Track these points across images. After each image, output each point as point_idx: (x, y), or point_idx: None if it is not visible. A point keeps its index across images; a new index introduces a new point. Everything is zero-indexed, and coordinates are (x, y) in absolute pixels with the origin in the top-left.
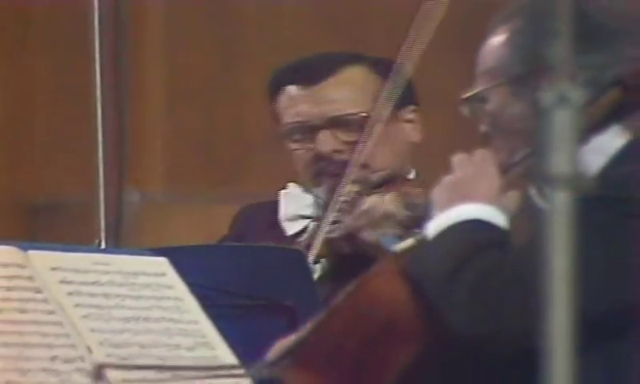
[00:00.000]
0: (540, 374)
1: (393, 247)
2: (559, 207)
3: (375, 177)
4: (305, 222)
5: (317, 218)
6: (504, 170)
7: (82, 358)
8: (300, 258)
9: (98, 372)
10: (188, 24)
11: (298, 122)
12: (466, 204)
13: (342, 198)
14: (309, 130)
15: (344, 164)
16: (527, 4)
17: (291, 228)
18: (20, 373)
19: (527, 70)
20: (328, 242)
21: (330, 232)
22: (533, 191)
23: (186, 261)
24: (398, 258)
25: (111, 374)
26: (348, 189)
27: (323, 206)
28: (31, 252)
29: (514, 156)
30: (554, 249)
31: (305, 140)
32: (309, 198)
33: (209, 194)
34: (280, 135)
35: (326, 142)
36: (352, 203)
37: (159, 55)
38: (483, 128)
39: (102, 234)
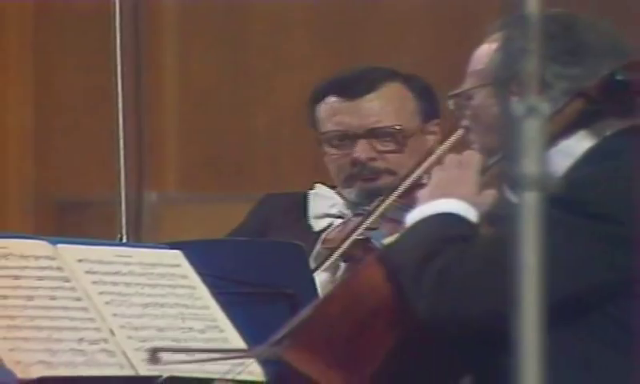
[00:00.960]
0: (509, 355)
1: (380, 242)
2: (528, 205)
3: (402, 186)
4: (330, 220)
5: (342, 217)
6: (482, 170)
7: (105, 340)
8: (300, 251)
9: (153, 355)
10: (200, 41)
11: (339, 130)
12: (442, 199)
13: (382, 210)
14: (348, 138)
15: (376, 170)
16: (522, 16)
17: (318, 225)
18: (50, 353)
19: (511, 76)
20: (358, 243)
21: (362, 235)
22: (506, 190)
23: (198, 254)
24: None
25: (163, 357)
26: (390, 202)
27: (354, 208)
28: (60, 246)
29: (490, 152)
30: (524, 243)
31: (343, 146)
32: (336, 198)
33: (218, 194)
34: (319, 140)
35: (364, 150)
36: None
37: (174, 72)
38: (464, 122)
39: (124, 230)
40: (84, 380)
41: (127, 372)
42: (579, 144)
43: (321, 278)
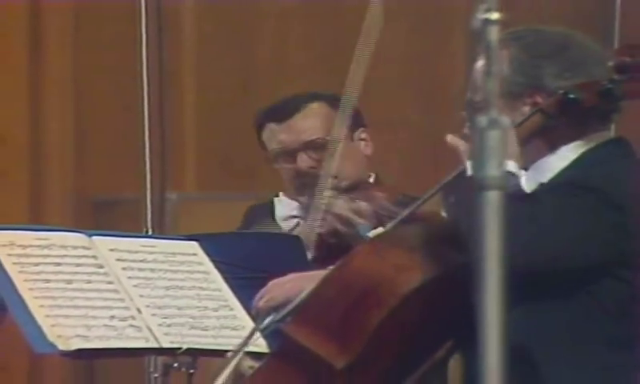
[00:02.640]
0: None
1: (367, 234)
2: (491, 201)
3: (344, 184)
4: (295, 221)
5: (303, 218)
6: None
7: (133, 317)
8: (297, 241)
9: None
10: (216, 58)
11: (280, 148)
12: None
13: (322, 202)
14: (289, 153)
15: (318, 176)
16: (521, 36)
17: (286, 226)
18: (86, 328)
19: (516, 89)
20: (318, 236)
21: (318, 228)
22: None
23: (212, 244)
24: (372, 241)
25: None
26: (325, 195)
27: (307, 209)
28: (94, 238)
29: None
30: (488, 231)
31: (287, 161)
32: (294, 204)
33: (231, 194)
34: (267, 159)
35: (303, 160)
36: (329, 206)
37: (192, 89)
38: (465, 130)
39: (149, 225)
40: (115, 351)
41: (152, 344)
42: (574, 151)
43: None
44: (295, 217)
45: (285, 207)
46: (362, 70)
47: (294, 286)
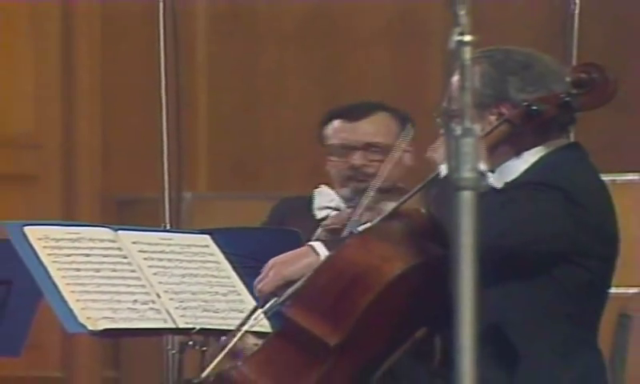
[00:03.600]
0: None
1: (356, 229)
2: (465, 200)
3: (384, 186)
4: (328, 211)
5: (338, 209)
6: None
7: (153, 301)
8: (296, 235)
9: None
10: (224, 77)
11: (342, 143)
12: None
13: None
14: (349, 149)
15: (366, 174)
16: (491, 54)
17: (319, 215)
18: (112, 311)
19: (485, 100)
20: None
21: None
22: None
23: (222, 238)
24: (361, 235)
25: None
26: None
27: (347, 202)
28: (119, 232)
29: None
30: (462, 227)
31: (343, 155)
32: (333, 195)
33: (239, 194)
34: (326, 151)
35: (360, 158)
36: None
37: (204, 103)
38: (441, 132)
39: (167, 220)
40: (137, 331)
41: (169, 325)
42: (535, 155)
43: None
44: (330, 208)
45: (324, 197)
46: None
47: (278, 269)
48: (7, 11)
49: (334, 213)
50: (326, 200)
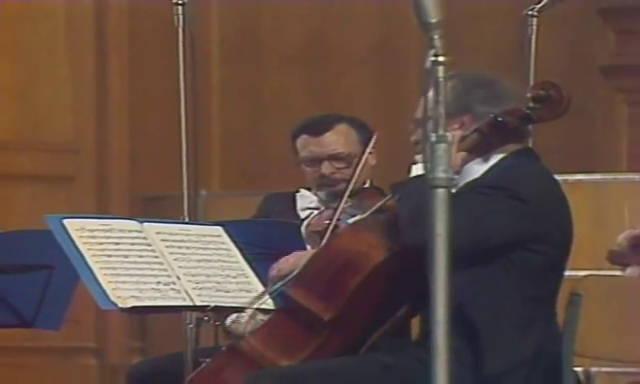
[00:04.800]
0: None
1: (347, 221)
2: (439, 197)
3: (356, 187)
4: (309, 211)
5: (317, 208)
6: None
7: (174, 283)
8: (296, 227)
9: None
10: (235, 92)
11: (310, 156)
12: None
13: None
14: (317, 160)
15: (335, 180)
16: (461, 73)
17: (303, 214)
18: (138, 290)
19: (451, 111)
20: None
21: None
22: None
23: (232, 228)
24: (351, 226)
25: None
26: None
27: (324, 203)
28: (145, 224)
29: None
30: (437, 219)
31: (314, 166)
32: (313, 197)
33: (246, 191)
34: (298, 162)
35: (326, 168)
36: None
37: (218, 116)
38: (414, 138)
39: (185, 214)
40: (161, 308)
41: (187, 303)
42: (494, 158)
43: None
44: (311, 208)
45: (305, 200)
46: None
47: (295, 260)
48: (47, 36)
49: (315, 213)
50: (307, 202)
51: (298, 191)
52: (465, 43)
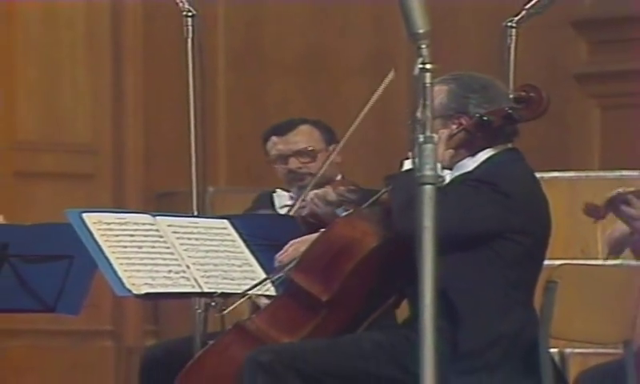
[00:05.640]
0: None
1: (342, 213)
2: (426, 193)
3: (321, 181)
4: (287, 209)
5: (292, 207)
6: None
7: (184, 271)
8: (294, 221)
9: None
10: (240, 98)
11: (278, 154)
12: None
13: (310, 194)
14: (284, 157)
15: (302, 174)
16: (458, 77)
17: (281, 212)
18: (151, 278)
19: (450, 112)
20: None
21: (301, 210)
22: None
23: (237, 221)
24: (347, 216)
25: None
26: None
27: (297, 198)
28: (157, 217)
29: None
30: (424, 214)
31: (282, 163)
32: (287, 196)
33: (249, 188)
34: (269, 161)
35: (293, 163)
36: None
37: (224, 119)
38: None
39: (194, 209)
40: (172, 294)
41: (196, 289)
42: (482, 156)
43: None
44: (287, 205)
45: (281, 199)
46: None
47: (297, 247)
48: (69, 46)
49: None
50: (283, 200)
51: (274, 191)
52: (449, 52)
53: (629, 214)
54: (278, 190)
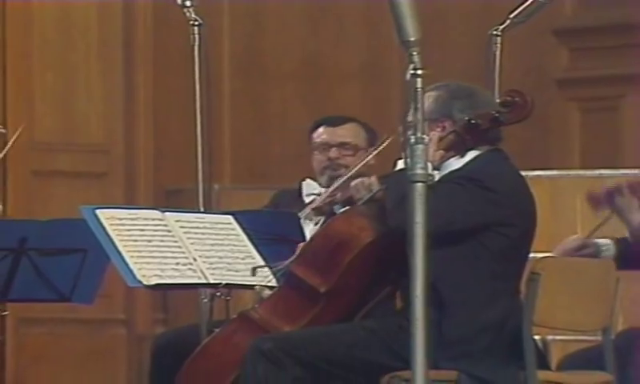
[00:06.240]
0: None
1: (340, 210)
2: (418, 190)
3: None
4: (313, 196)
5: (319, 194)
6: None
7: (191, 263)
8: (296, 218)
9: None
10: (243, 102)
11: (323, 142)
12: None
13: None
14: (328, 146)
15: (339, 165)
16: (447, 85)
17: (307, 199)
18: (160, 270)
19: (434, 116)
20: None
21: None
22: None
23: (241, 217)
24: (345, 212)
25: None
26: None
27: (330, 185)
28: (166, 213)
29: None
30: (415, 209)
31: (324, 151)
32: (315, 185)
33: (252, 185)
34: (312, 147)
35: (334, 153)
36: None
37: (229, 121)
38: (402, 139)
39: (201, 205)
40: (180, 285)
41: (203, 281)
42: (469, 156)
43: (309, 227)
44: (314, 194)
45: (310, 187)
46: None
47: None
48: (83, 54)
49: (315, 198)
50: (311, 189)
51: (304, 180)
52: (438, 59)
53: (620, 205)
54: (307, 179)
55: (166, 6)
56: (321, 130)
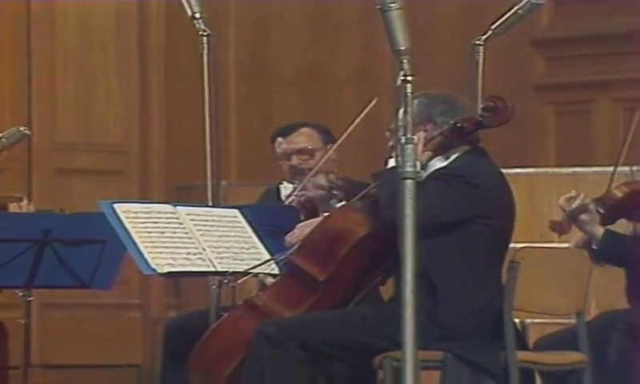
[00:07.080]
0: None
1: (336, 205)
2: (407, 186)
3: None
4: (291, 198)
5: (290, 195)
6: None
7: (200, 253)
8: (295, 210)
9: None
10: (248, 106)
11: (283, 152)
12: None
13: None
14: (287, 155)
15: (302, 169)
16: (428, 92)
17: (286, 201)
18: (173, 259)
19: (417, 119)
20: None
21: (298, 197)
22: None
23: (247, 211)
24: (342, 208)
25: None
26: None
27: (296, 188)
28: (178, 207)
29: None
30: (405, 204)
31: (286, 160)
32: (291, 187)
33: (256, 181)
34: (276, 159)
35: (295, 160)
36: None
37: (235, 123)
38: (390, 143)
39: (210, 200)
40: (190, 273)
41: (211, 269)
42: (452, 156)
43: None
44: (292, 195)
45: (286, 190)
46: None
47: (302, 229)
48: (102, 61)
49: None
50: (288, 191)
51: (281, 183)
52: (427, 67)
53: (585, 222)
54: (284, 182)
55: (178, 18)
56: (278, 141)
